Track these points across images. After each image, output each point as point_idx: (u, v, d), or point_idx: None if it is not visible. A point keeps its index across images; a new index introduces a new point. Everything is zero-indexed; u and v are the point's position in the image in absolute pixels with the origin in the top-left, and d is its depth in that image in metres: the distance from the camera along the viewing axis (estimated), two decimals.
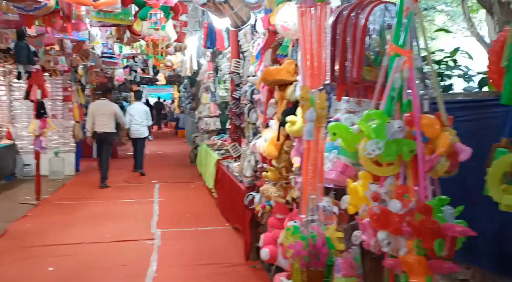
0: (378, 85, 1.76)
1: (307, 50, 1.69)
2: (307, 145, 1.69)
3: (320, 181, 1.68)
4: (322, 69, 1.69)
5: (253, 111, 4.12)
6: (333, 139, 1.78)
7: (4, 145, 8.27)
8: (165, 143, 16.67)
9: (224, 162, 6.30)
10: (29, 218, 5.75)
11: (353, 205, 1.75)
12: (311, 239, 1.64)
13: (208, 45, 4.63)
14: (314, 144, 1.67)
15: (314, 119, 1.63)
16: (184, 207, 6.56)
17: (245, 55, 6.30)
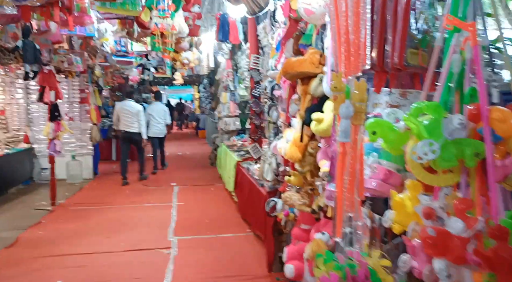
0: (429, 71, 1.37)
1: (341, 27, 1.31)
2: (341, 149, 1.32)
3: (359, 195, 1.31)
4: (360, 51, 1.32)
5: (273, 108, 3.76)
6: (372, 139, 1.40)
7: (22, 149, 8.15)
8: (186, 144, 16.46)
9: (244, 164, 5.95)
10: (42, 225, 5.54)
11: (399, 223, 1.37)
12: (349, 269, 1.27)
13: (221, 38, 4.28)
14: (350, 147, 1.30)
15: (351, 115, 1.26)
16: (203, 212, 6.25)
17: (265, 51, 5.95)
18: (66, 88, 8.80)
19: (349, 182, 1.27)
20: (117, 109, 8.44)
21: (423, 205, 1.27)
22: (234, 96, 8.75)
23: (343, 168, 1.31)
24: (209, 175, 9.38)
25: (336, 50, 1.35)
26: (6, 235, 5.11)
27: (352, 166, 1.28)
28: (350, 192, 1.28)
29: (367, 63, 1.36)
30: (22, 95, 8.66)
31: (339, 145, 1.35)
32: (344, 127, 1.26)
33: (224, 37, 4.28)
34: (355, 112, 1.27)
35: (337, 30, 1.34)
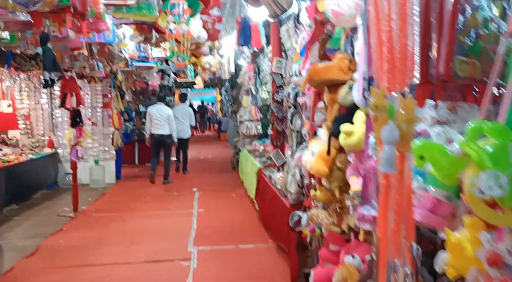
0: (490, 84, 1.15)
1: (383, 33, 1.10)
2: (385, 181, 1.11)
3: (408, 237, 1.09)
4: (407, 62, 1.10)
5: (296, 117, 3.55)
6: (419, 165, 1.18)
7: (46, 154, 8.19)
8: (207, 147, 16.39)
9: (266, 172, 5.76)
10: (63, 233, 5.48)
11: (455, 268, 1.14)
12: None
13: (242, 42, 4.09)
14: (396, 179, 1.09)
15: (396, 140, 1.05)
16: (224, 220, 6.09)
17: (288, 54, 5.74)
18: (90, 93, 8.82)
19: (395, 222, 1.06)
20: (149, 112, 8.76)
21: (486, 250, 1.04)
22: (255, 100, 8.58)
23: (386, 205, 1.10)
24: (230, 180, 9.23)
25: (376, 61, 1.14)
26: (27, 243, 5.07)
27: (398, 203, 1.07)
28: (396, 234, 1.06)
29: (415, 76, 1.15)
30: (46, 100, 8.72)
31: (381, 176, 1.14)
32: (388, 154, 1.05)
33: (246, 42, 4.10)
34: (401, 136, 1.06)
35: (378, 37, 1.13)
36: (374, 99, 1.10)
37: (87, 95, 8.74)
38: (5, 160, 6.70)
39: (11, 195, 6.64)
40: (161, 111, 8.61)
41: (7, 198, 6.49)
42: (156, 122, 8.57)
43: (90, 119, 8.79)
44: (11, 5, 2.49)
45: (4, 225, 5.80)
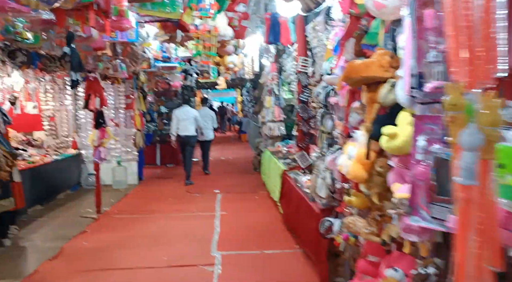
0: None
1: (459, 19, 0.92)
2: (464, 194, 0.94)
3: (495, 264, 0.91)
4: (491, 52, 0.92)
5: (327, 117, 3.38)
6: (498, 174, 1.00)
7: (70, 155, 8.22)
8: (228, 148, 16.31)
9: (291, 174, 5.59)
10: (87, 235, 5.44)
11: None
12: None
13: (271, 40, 3.92)
14: (478, 192, 0.91)
15: (478, 146, 0.88)
16: (248, 224, 5.94)
17: (314, 52, 5.56)
18: (112, 94, 8.82)
19: (478, 245, 0.89)
20: (175, 114, 9.03)
21: None
22: (278, 100, 8.40)
23: (466, 223, 0.93)
24: (252, 181, 9.09)
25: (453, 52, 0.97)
26: (51, 245, 5.04)
27: (482, 222, 0.90)
28: (479, 258, 0.89)
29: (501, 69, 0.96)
30: (70, 101, 8.77)
31: (459, 189, 0.97)
32: (468, 163, 0.88)
33: (275, 39, 3.92)
34: (485, 140, 0.89)
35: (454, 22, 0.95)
36: (450, 97, 0.93)
37: (110, 96, 8.74)
38: (30, 161, 6.73)
39: (36, 196, 6.66)
40: (187, 113, 8.93)
41: (32, 199, 6.51)
42: (182, 123, 8.84)
43: (113, 120, 8.79)
44: (34, 2, 2.41)
45: (29, 226, 5.80)
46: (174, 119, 8.99)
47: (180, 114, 8.93)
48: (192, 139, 8.98)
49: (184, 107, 9.14)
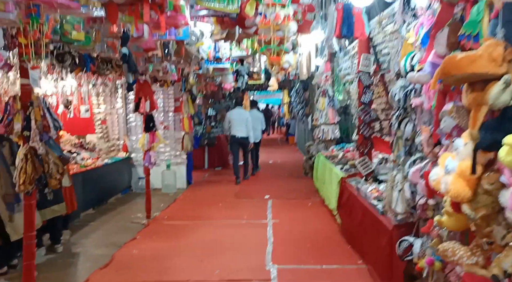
0: None
1: None
2: None
3: None
4: None
5: (407, 121, 2.94)
6: None
7: (120, 159, 8.21)
8: (276, 151, 15.98)
9: (351, 182, 5.16)
10: (137, 242, 5.29)
11: None
12: None
13: (345, 33, 3.52)
14: None
15: None
16: (303, 234, 5.57)
17: (379, 49, 5.11)
18: (162, 97, 8.75)
19: None
20: (228, 116, 9.36)
21: None
22: (332, 102, 7.98)
23: None
24: (304, 187, 8.70)
25: None
26: (102, 252, 4.92)
27: None
28: None
29: None
30: (121, 104, 8.78)
31: None
32: None
33: (349, 32, 3.53)
34: None
35: None
36: None
37: (160, 98, 8.67)
38: (82, 165, 6.72)
39: (88, 200, 6.65)
40: (240, 115, 9.23)
41: (85, 203, 6.49)
42: (235, 125, 9.10)
43: (162, 123, 8.72)
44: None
45: (81, 231, 5.74)
46: (226, 120, 9.29)
47: (233, 116, 9.20)
48: (244, 140, 9.20)
49: (237, 109, 9.46)
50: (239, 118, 9.14)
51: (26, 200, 3.11)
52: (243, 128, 9.12)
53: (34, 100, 3.04)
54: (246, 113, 9.43)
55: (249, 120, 9.23)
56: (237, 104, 9.81)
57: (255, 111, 10.40)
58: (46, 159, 3.09)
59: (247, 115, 9.34)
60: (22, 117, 3.00)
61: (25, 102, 3.03)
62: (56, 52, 3.91)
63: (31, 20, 2.24)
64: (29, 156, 3.00)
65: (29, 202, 3.11)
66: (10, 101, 3.04)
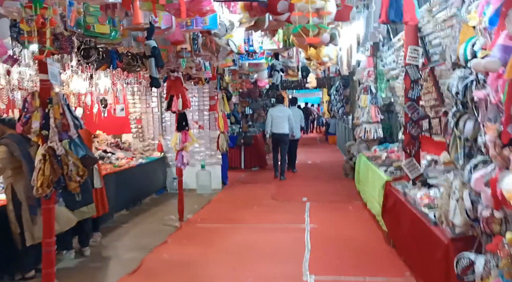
0: None
1: None
2: None
3: None
4: None
5: (466, 118, 2.50)
6: None
7: (155, 158, 8.10)
8: (315, 150, 15.50)
9: (397, 186, 4.70)
10: (168, 246, 5.08)
11: None
12: None
13: (392, 18, 3.10)
14: None
15: None
16: (343, 240, 5.17)
17: (428, 40, 4.63)
18: (197, 95, 8.57)
19: None
20: (270, 113, 9.59)
21: None
22: (375, 99, 7.48)
23: None
24: (344, 189, 8.25)
25: None
26: (132, 256, 4.74)
27: None
28: None
29: None
30: (156, 103, 8.68)
31: None
32: None
33: (397, 17, 3.12)
34: None
35: None
36: None
37: (195, 97, 8.49)
38: (116, 165, 6.63)
39: (122, 201, 6.55)
40: (281, 112, 9.47)
41: (118, 204, 6.39)
42: (276, 122, 9.32)
43: (197, 122, 8.53)
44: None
45: (113, 233, 5.62)
46: (269, 118, 9.50)
47: (275, 113, 9.43)
48: (285, 137, 9.40)
49: (278, 106, 9.77)
50: (281, 115, 9.34)
51: (44, 204, 2.94)
52: (285, 125, 9.32)
53: (54, 97, 2.85)
54: (287, 110, 9.67)
55: (291, 117, 9.46)
56: (278, 102, 10.09)
57: (295, 109, 10.69)
58: (66, 160, 2.90)
59: (288, 112, 9.57)
60: (41, 115, 2.83)
61: (44, 99, 2.85)
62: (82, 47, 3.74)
63: (34, 4, 2.03)
64: (47, 156, 2.82)
65: (48, 206, 2.93)
66: (28, 98, 2.87)
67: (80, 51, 3.77)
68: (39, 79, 2.85)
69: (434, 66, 4.89)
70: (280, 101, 10.16)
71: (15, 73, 5.07)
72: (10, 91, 5.23)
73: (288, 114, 9.46)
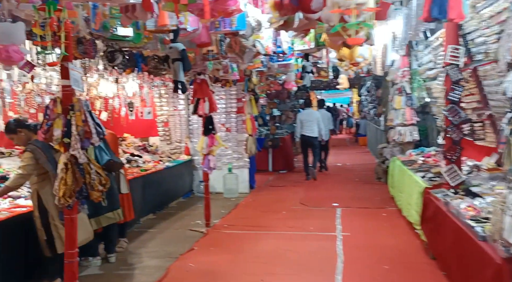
0: None
1: None
2: None
3: None
4: None
5: None
6: None
7: (182, 161, 8.02)
8: (344, 152, 15.11)
9: (437, 194, 4.38)
10: (194, 254, 4.93)
11: None
12: None
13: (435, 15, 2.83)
14: None
15: None
16: (379, 250, 4.88)
17: (470, 38, 4.31)
18: (224, 97, 8.43)
19: None
20: (299, 117, 9.87)
21: None
22: (410, 100, 7.13)
23: None
24: (377, 194, 7.92)
25: None
26: (158, 263, 4.62)
27: None
28: None
29: None
30: (183, 106, 8.60)
31: None
32: None
33: (441, 14, 2.85)
34: None
35: None
36: None
37: (222, 99, 8.35)
38: (143, 169, 6.57)
39: (149, 205, 6.48)
40: (311, 115, 9.67)
41: (145, 208, 6.33)
42: (306, 125, 9.50)
43: (224, 125, 8.39)
44: None
45: (139, 238, 5.53)
46: (298, 122, 9.71)
47: (304, 116, 9.66)
48: (315, 139, 9.58)
49: (307, 110, 9.99)
50: (309, 119, 9.53)
51: (66, 214, 2.83)
52: (314, 128, 9.48)
53: (76, 103, 2.74)
54: (316, 113, 9.87)
55: (320, 120, 9.61)
56: (306, 105, 10.31)
57: (323, 111, 10.82)
58: (88, 168, 2.78)
59: (317, 115, 9.72)
60: (63, 122, 2.72)
61: (66, 105, 2.74)
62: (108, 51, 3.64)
63: (47, 6, 1.90)
64: (69, 165, 2.71)
65: (70, 216, 2.82)
66: (50, 104, 2.77)
67: (105, 54, 3.67)
68: (61, 85, 2.75)
69: (477, 66, 4.55)
70: (308, 104, 10.41)
71: (43, 78, 5.06)
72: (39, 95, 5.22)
73: (316, 117, 9.62)
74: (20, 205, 4.03)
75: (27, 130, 3.75)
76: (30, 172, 3.60)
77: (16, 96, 5.05)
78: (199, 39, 3.46)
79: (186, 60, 4.06)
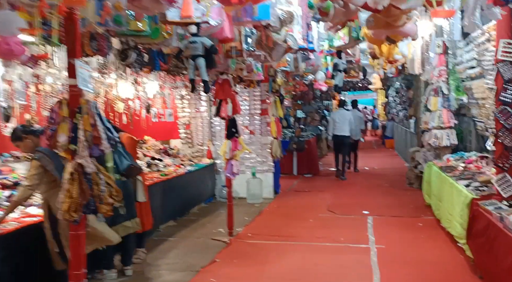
0: None
1: None
2: None
3: None
4: None
5: None
6: None
7: (204, 165, 7.69)
8: (372, 155, 14.52)
9: (488, 206, 3.90)
10: (215, 267, 4.58)
11: None
12: None
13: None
14: None
15: None
16: (418, 265, 4.45)
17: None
18: (248, 99, 8.08)
19: None
20: (332, 116, 10.26)
21: None
22: (448, 101, 6.61)
23: None
24: (410, 201, 7.43)
25: None
26: (177, 278, 4.30)
27: None
28: None
29: None
30: (206, 108, 8.29)
31: None
32: None
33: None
34: None
35: None
36: None
37: (245, 101, 8.00)
38: (163, 173, 6.27)
39: (169, 211, 6.17)
40: (343, 115, 9.89)
41: (165, 215, 6.02)
42: (338, 125, 9.77)
43: (248, 127, 8.04)
44: None
45: (158, 248, 5.21)
46: (330, 122, 10.08)
47: (336, 117, 9.95)
48: (346, 139, 9.84)
49: (340, 110, 10.29)
50: (342, 119, 9.76)
51: (72, 229, 2.52)
52: (346, 128, 9.71)
53: (84, 105, 2.43)
54: (348, 114, 10.04)
55: (352, 120, 9.86)
56: (340, 106, 10.66)
57: (355, 111, 11.17)
58: (96, 179, 2.46)
59: (349, 115, 9.95)
60: (69, 127, 2.41)
61: (73, 108, 2.44)
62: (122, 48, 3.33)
63: None
64: (75, 175, 2.39)
65: (76, 232, 2.50)
66: (55, 107, 2.47)
67: (118, 52, 3.36)
68: (68, 85, 2.44)
69: None
70: (342, 105, 10.64)
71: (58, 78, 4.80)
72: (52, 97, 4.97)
73: (349, 118, 9.84)
74: (31, 214, 3.76)
75: (33, 136, 3.48)
76: (37, 182, 3.32)
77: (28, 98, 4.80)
78: (221, 33, 3.10)
79: (211, 57, 3.65)
